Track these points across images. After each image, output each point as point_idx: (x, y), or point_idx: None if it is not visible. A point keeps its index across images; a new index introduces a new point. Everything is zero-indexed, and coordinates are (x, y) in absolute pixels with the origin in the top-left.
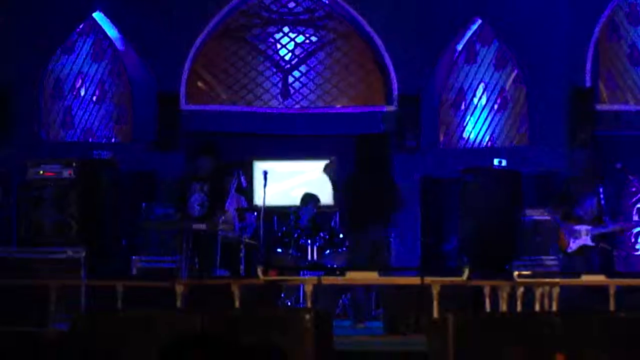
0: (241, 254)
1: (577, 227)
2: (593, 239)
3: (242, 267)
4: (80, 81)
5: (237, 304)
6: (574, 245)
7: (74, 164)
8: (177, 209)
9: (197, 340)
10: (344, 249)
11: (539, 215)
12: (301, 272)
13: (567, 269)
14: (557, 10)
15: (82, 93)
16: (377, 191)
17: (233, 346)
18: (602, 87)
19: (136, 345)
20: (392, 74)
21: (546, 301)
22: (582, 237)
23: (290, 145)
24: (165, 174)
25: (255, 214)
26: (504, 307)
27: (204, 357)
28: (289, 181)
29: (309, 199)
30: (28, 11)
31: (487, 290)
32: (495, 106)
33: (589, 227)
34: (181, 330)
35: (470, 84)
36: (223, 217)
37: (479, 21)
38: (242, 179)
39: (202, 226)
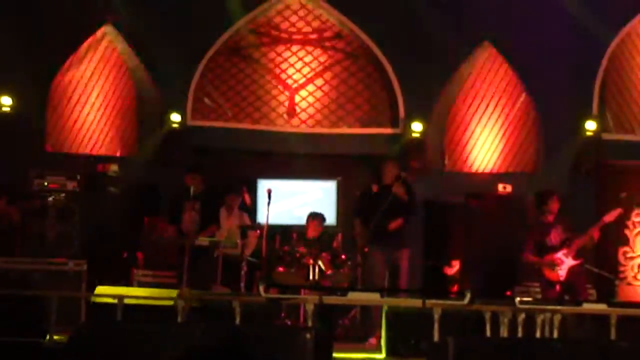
0: (242, 271)
1: (556, 256)
2: (574, 256)
3: (242, 284)
4: (87, 94)
5: (237, 320)
6: (563, 272)
7: (78, 177)
8: (175, 230)
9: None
10: (346, 269)
11: None
12: (302, 291)
13: (566, 295)
14: (565, 38)
15: (89, 106)
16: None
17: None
18: (609, 116)
19: (136, 359)
20: (399, 97)
21: (547, 328)
22: (565, 260)
23: (295, 164)
24: (168, 189)
25: (258, 232)
26: (504, 332)
27: None
28: (292, 200)
29: (314, 218)
30: (37, 23)
31: (488, 316)
32: (502, 132)
33: (564, 250)
34: (182, 345)
35: (477, 107)
36: (217, 233)
37: (488, 45)
38: (246, 196)
39: (204, 241)
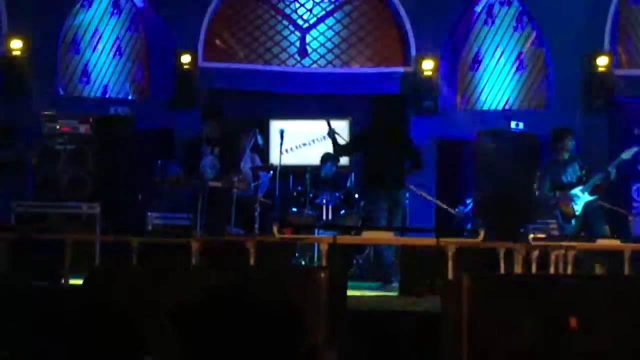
0: (256, 213)
1: (572, 191)
2: (590, 192)
3: (256, 225)
4: (98, 37)
5: (252, 261)
6: (578, 208)
7: (90, 120)
8: (188, 173)
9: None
10: (359, 209)
11: None
12: (316, 231)
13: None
14: None
15: (100, 49)
16: (394, 150)
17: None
18: (621, 52)
19: (151, 301)
20: (410, 35)
21: (561, 264)
22: (580, 196)
23: (307, 104)
24: (181, 131)
25: (271, 172)
26: (518, 269)
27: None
28: (304, 140)
29: (328, 158)
30: None
31: (502, 253)
32: (513, 68)
33: (580, 187)
34: (197, 286)
35: (489, 45)
36: (237, 177)
37: None
38: (258, 137)
39: (217, 184)
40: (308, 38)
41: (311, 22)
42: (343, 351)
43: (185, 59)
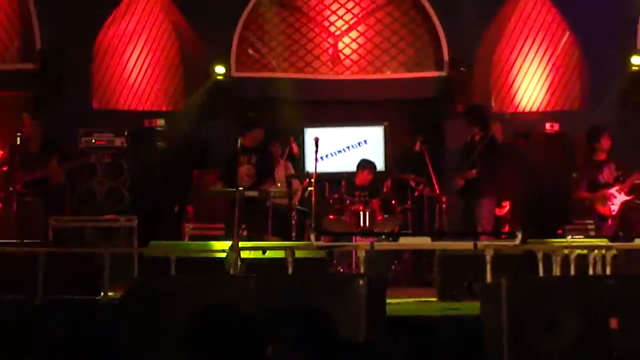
0: (293, 221)
1: (609, 191)
2: (628, 192)
3: (293, 233)
4: (131, 49)
5: (290, 270)
6: (615, 207)
7: (125, 133)
8: (225, 183)
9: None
10: (397, 214)
11: None
12: (354, 238)
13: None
14: None
15: (134, 61)
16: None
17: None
18: None
19: (190, 312)
20: (443, 39)
21: (600, 265)
22: (618, 196)
23: (341, 111)
24: (216, 141)
25: (307, 180)
26: (557, 271)
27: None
28: (340, 147)
29: (365, 165)
30: None
31: (540, 255)
32: (547, 70)
33: (617, 186)
34: (236, 297)
35: (522, 47)
36: (274, 186)
37: None
38: (294, 146)
39: (254, 193)
40: (340, 45)
41: (343, 29)
42: (383, 357)
43: (219, 69)
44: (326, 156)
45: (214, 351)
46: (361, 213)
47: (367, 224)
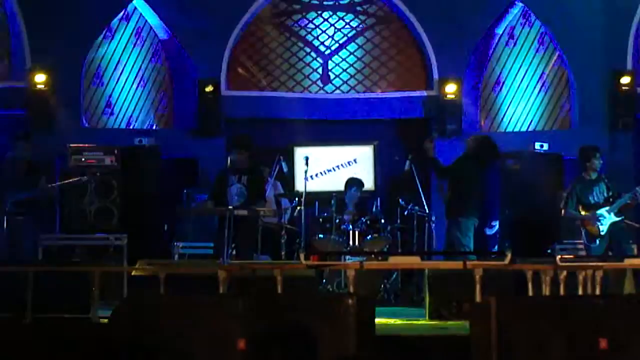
0: (282, 240)
1: (598, 212)
2: (617, 213)
3: (283, 252)
4: (121, 68)
5: (279, 289)
6: (604, 227)
7: (115, 151)
8: (215, 202)
9: None
10: (386, 234)
11: None
12: (343, 257)
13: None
14: None
15: (123, 80)
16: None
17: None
18: None
19: (180, 330)
20: (432, 59)
21: (589, 285)
22: (607, 217)
23: (331, 130)
24: (206, 160)
25: (296, 200)
26: (546, 291)
27: None
28: (329, 166)
29: (353, 183)
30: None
31: (529, 275)
32: (536, 89)
33: (607, 207)
34: (225, 315)
35: (511, 67)
36: (263, 205)
37: (520, 4)
38: (283, 165)
39: (243, 212)
40: (330, 64)
41: (333, 48)
42: None
43: (209, 88)
44: (316, 175)
45: None
46: (350, 232)
47: (357, 243)
